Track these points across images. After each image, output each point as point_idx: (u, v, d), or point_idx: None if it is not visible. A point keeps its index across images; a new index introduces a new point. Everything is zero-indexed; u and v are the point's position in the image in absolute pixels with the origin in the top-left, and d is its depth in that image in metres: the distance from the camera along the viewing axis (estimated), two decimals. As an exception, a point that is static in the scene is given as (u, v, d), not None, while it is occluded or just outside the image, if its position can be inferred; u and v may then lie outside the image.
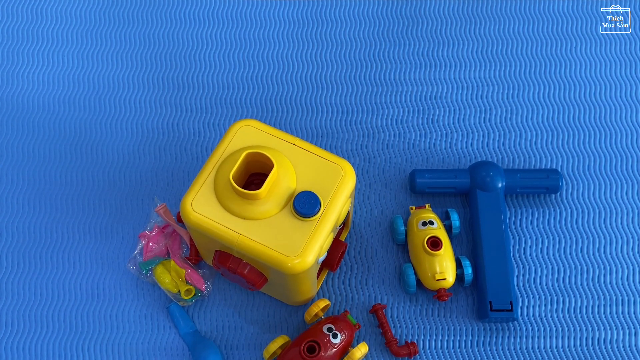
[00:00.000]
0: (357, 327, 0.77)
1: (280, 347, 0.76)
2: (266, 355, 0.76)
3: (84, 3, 0.98)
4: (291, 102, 0.92)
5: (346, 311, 0.78)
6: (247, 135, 0.71)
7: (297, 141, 0.71)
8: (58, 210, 0.86)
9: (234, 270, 0.70)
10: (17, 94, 0.93)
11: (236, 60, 0.95)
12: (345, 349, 0.75)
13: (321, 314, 0.78)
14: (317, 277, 0.77)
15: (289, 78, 0.93)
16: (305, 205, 0.66)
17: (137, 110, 0.91)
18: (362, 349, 0.75)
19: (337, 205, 0.68)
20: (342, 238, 0.81)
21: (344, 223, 0.80)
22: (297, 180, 0.69)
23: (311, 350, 0.73)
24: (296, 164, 0.69)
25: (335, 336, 0.74)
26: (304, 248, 0.66)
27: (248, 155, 0.67)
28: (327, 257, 0.75)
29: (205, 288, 0.80)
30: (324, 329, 0.74)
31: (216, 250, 0.72)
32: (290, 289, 0.73)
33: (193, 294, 0.79)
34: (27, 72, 0.94)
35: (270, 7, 0.98)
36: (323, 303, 0.77)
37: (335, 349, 0.74)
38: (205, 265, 0.82)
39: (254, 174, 0.72)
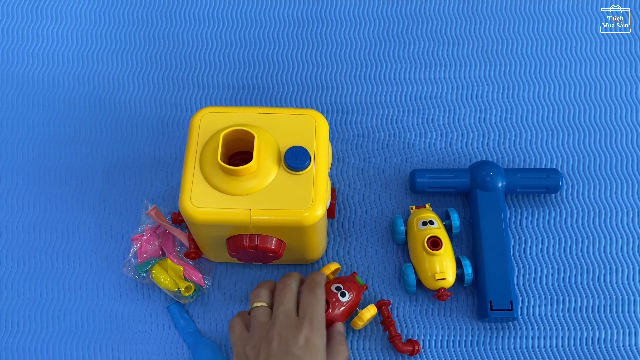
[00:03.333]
0: (365, 287, 0.78)
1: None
2: None
3: (84, 3, 0.98)
4: (291, 102, 0.92)
5: (354, 272, 0.79)
6: (211, 122, 0.72)
7: (260, 109, 0.73)
8: (58, 210, 0.86)
9: (255, 247, 0.71)
10: (17, 93, 0.93)
11: (236, 60, 0.95)
12: (353, 308, 0.76)
13: (331, 277, 0.79)
14: None
15: (289, 78, 0.93)
16: (296, 159, 0.69)
17: (137, 110, 0.91)
18: (371, 310, 0.76)
19: (323, 149, 0.71)
20: None
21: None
22: (278, 141, 0.71)
23: None
24: (269, 128, 0.72)
25: (343, 295, 0.75)
26: (313, 197, 0.69)
27: (226, 135, 0.69)
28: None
29: (205, 283, 0.80)
30: (333, 288, 0.76)
31: (228, 239, 0.72)
32: (308, 243, 0.75)
33: (193, 290, 0.79)
34: (27, 72, 0.94)
35: (270, 7, 0.98)
36: (334, 266, 0.79)
37: (343, 307, 0.75)
38: (203, 260, 0.82)
39: (232, 155, 0.73)
